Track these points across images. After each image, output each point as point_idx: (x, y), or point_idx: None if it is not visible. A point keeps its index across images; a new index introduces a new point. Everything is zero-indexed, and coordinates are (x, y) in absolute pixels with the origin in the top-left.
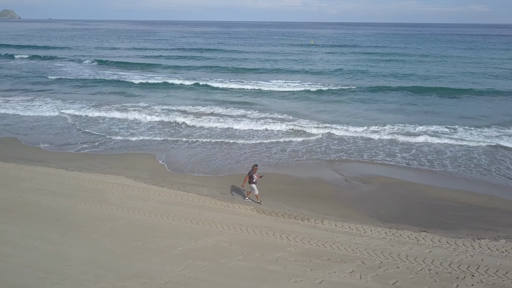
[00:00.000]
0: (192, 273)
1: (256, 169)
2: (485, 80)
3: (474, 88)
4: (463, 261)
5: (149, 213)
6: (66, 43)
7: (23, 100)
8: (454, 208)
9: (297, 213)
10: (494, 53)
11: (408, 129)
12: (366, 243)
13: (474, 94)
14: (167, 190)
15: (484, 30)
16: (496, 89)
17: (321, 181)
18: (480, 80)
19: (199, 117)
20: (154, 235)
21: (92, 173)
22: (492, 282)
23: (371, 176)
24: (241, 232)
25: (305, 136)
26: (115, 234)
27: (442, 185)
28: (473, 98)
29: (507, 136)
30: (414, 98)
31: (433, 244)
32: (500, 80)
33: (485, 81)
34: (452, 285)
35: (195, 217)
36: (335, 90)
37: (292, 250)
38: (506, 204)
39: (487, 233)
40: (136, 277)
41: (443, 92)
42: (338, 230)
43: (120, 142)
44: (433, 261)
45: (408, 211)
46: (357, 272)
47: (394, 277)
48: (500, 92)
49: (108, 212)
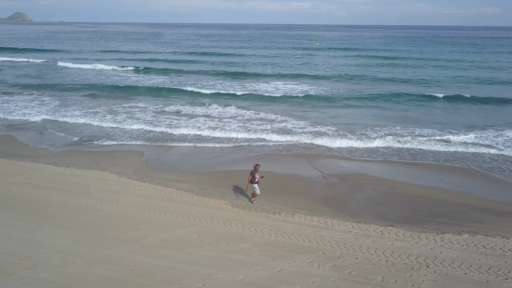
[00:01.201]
0: (158, 261)
1: (258, 169)
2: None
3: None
4: (422, 253)
5: (127, 206)
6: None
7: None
8: (425, 204)
9: (270, 207)
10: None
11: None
12: (331, 236)
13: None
14: (148, 185)
15: (499, 33)
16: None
17: (300, 178)
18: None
19: (183, 115)
20: (128, 226)
21: (78, 169)
22: (445, 272)
23: (350, 173)
24: (211, 224)
25: (290, 137)
26: (90, 224)
27: (418, 182)
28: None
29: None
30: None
31: (396, 237)
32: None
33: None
34: (405, 274)
35: (170, 210)
36: (337, 95)
37: (258, 241)
38: (477, 200)
39: (452, 227)
40: (104, 264)
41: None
42: (306, 223)
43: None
44: (392, 253)
45: (379, 207)
46: (316, 262)
47: (351, 267)
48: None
49: (87, 205)
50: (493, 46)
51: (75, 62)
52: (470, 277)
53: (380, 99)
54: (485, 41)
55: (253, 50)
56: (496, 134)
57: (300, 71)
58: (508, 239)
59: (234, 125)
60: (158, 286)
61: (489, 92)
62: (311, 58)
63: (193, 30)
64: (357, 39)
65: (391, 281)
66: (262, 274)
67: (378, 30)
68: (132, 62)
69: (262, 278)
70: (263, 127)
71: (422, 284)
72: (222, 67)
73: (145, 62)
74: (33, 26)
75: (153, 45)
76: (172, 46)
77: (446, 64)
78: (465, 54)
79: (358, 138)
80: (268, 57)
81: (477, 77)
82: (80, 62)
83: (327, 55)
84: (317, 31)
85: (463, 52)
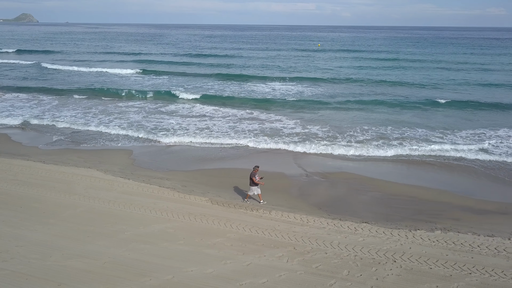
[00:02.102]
0: (132, 255)
1: (257, 170)
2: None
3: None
4: (391, 249)
5: (108, 202)
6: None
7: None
8: (404, 202)
9: (249, 204)
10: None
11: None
12: (305, 231)
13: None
14: (131, 182)
15: (503, 34)
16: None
17: (283, 176)
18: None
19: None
20: (107, 221)
21: (66, 166)
22: (410, 267)
23: (333, 171)
24: (189, 220)
25: (279, 137)
26: (71, 220)
27: (400, 180)
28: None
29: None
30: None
31: (369, 234)
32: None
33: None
34: (371, 269)
35: (149, 206)
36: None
37: (231, 236)
38: (456, 198)
39: (426, 224)
40: (80, 257)
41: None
42: (282, 219)
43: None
44: (362, 249)
45: (357, 205)
46: (286, 257)
47: (319, 261)
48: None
49: (70, 201)
50: (497, 48)
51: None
52: (435, 271)
53: (373, 103)
54: (489, 42)
55: (252, 52)
56: (486, 135)
57: (299, 73)
58: (479, 235)
59: (225, 124)
60: (129, 278)
61: (483, 96)
62: (312, 59)
63: (193, 31)
64: (359, 40)
65: (356, 275)
66: (231, 268)
67: (381, 31)
68: (132, 64)
69: (231, 271)
70: (253, 126)
71: (386, 278)
72: (217, 68)
73: (145, 64)
74: (38, 27)
75: (154, 47)
76: (172, 47)
77: (447, 66)
78: (468, 56)
79: (348, 144)
80: (267, 58)
81: (477, 80)
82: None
83: (327, 57)
84: (320, 32)
85: (467, 54)
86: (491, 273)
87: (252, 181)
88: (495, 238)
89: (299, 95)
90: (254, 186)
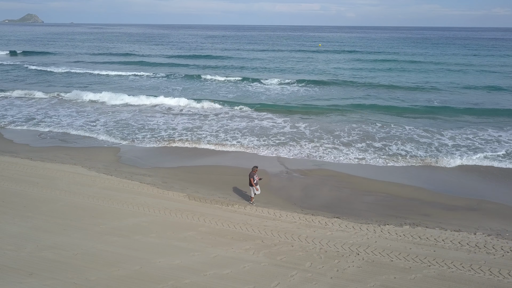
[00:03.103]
0: (103, 247)
1: (257, 171)
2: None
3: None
4: (356, 242)
5: (88, 197)
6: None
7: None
8: (378, 198)
9: (226, 199)
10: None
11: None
12: (275, 225)
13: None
14: (114, 178)
15: (509, 34)
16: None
17: (264, 173)
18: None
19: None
20: (84, 215)
21: (52, 163)
22: (372, 259)
23: (314, 169)
24: (164, 214)
25: (265, 136)
26: (50, 213)
27: (378, 178)
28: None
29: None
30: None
31: (338, 228)
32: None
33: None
34: (334, 261)
35: (128, 201)
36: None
37: (203, 230)
38: (429, 195)
39: (396, 220)
40: (53, 248)
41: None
42: (256, 214)
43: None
44: (328, 242)
45: (332, 201)
46: (253, 249)
47: (284, 254)
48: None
49: (51, 196)
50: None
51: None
52: (395, 263)
53: (360, 107)
54: (495, 43)
55: (252, 53)
56: (471, 135)
57: (296, 74)
58: (446, 230)
59: (214, 122)
60: (98, 268)
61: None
62: (311, 60)
63: (196, 31)
64: (362, 40)
65: (318, 266)
66: (198, 259)
67: (386, 32)
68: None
69: (197, 262)
70: (241, 124)
71: (346, 270)
72: (213, 68)
73: (147, 66)
74: (38, 28)
75: (156, 47)
76: (172, 47)
77: (448, 68)
78: (473, 57)
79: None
80: (265, 59)
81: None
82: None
83: (327, 57)
84: (322, 32)
85: (472, 55)
86: (449, 265)
87: (250, 182)
88: (461, 233)
89: (293, 96)
90: (253, 187)
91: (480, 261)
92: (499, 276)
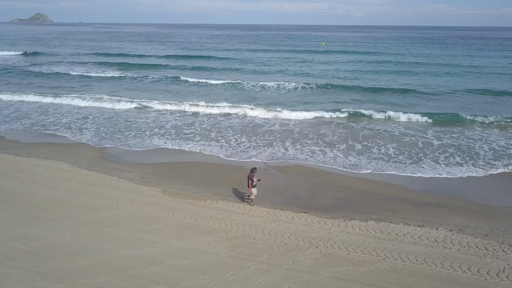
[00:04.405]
0: (71, 238)
1: (255, 172)
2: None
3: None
4: (318, 236)
5: (65, 191)
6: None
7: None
8: (349, 194)
9: (199, 195)
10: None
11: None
12: (242, 219)
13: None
14: (93, 173)
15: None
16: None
17: (243, 169)
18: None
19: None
20: (58, 208)
21: (36, 159)
22: (329, 252)
23: (292, 165)
24: (135, 208)
25: (252, 134)
26: (26, 206)
27: (353, 174)
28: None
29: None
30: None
31: (303, 222)
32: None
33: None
34: (291, 253)
35: (103, 195)
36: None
37: (170, 223)
38: (400, 191)
39: (363, 215)
40: (23, 239)
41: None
42: (225, 208)
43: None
44: (290, 236)
45: (304, 196)
46: (215, 241)
47: (244, 246)
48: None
49: (30, 189)
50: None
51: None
52: (351, 256)
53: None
54: (505, 42)
55: (254, 53)
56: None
57: (295, 75)
58: (410, 226)
59: (205, 119)
60: (63, 258)
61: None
62: (312, 60)
63: (201, 31)
64: (368, 40)
65: (275, 258)
66: (160, 250)
67: (393, 31)
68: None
69: (158, 253)
70: (229, 122)
71: (302, 262)
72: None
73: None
74: (50, 27)
75: (161, 46)
76: (173, 46)
77: (451, 70)
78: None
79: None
80: (265, 59)
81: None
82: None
83: (329, 58)
84: (328, 32)
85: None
86: (404, 258)
87: (249, 184)
88: (423, 228)
89: (287, 96)
90: (253, 188)
91: (435, 255)
92: (450, 269)
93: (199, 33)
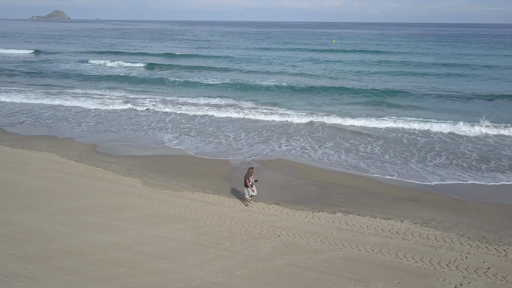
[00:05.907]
0: (48, 224)
1: (252, 172)
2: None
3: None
4: (282, 226)
5: (51, 181)
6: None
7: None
8: (325, 188)
9: (178, 186)
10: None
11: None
12: (213, 210)
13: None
14: (81, 165)
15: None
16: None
17: (226, 163)
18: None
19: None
20: (42, 196)
21: (30, 150)
22: (289, 241)
23: (276, 159)
24: (114, 198)
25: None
26: (11, 195)
27: (334, 168)
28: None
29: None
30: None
31: (273, 213)
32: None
33: None
34: (253, 241)
35: (86, 185)
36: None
37: (144, 212)
38: (377, 186)
39: (332, 208)
40: (4, 225)
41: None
42: (200, 199)
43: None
44: (256, 225)
45: (280, 189)
46: (182, 229)
47: (209, 234)
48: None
49: (17, 179)
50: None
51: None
52: (309, 245)
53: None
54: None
55: (262, 51)
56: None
57: (294, 76)
58: (376, 218)
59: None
60: (37, 242)
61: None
62: (320, 58)
63: (214, 27)
64: (379, 37)
65: (236, 245)
66: (130, 237)
67: (408, 28)
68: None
69: (128, 240)
70: (220, 115)
71: (261, 250)
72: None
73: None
74: (67, 24)
75: (170, 43)
76: (177, 43)
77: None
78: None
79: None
80: (271, 59)
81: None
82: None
83: (339, 56)
84: (342, 29)
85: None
86: (360, 248)
87: (246, 183)
88: (389, 221)
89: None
90: (249, 188)
91: (392, 245)
92: (403, 259)
93: (214, 30)
